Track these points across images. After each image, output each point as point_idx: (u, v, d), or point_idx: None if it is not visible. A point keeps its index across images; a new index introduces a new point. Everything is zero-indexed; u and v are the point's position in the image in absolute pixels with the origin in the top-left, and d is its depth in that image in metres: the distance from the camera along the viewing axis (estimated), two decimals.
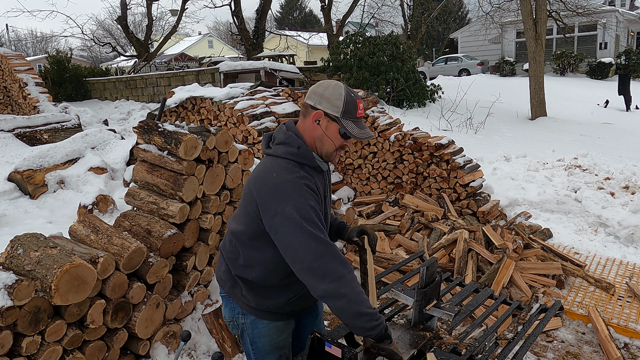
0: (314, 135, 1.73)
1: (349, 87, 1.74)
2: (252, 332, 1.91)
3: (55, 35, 22.22)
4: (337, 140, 1.73)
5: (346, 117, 1.69)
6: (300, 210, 1.59)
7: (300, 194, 1.62)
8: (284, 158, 1.71)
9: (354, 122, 1.71)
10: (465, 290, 2.50)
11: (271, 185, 1.66)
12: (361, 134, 1.71)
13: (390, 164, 5.57)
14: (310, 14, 45.61)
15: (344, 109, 1.68)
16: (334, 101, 1.68)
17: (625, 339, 3.40)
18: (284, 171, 1.67)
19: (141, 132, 3.32)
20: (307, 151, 1.72)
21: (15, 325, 2.24)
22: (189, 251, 3.20)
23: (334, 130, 1.71)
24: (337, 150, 1.75)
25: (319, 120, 1.71)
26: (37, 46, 42.14)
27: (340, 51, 12.80)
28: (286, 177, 1.65)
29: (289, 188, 1.63)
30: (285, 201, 1.61)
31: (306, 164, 1.72)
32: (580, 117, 12.51)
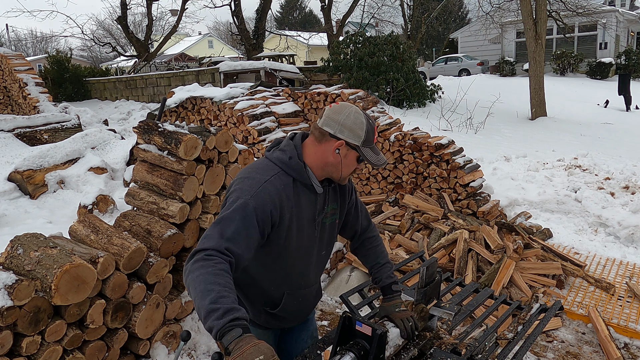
0: (327, 162, 1.70)
1: (366, 112, 1.75)
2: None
3: (55, 35, 22.21)
4: (352, 166, 1.73)
5: (366, 145, 1.69)
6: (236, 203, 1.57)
7: (251, 193, 1.58)
8: (272, 162, 1.70)
9: (371, 149, 1.71)
10: (465, 290, 2.49)
11: (240, 176, 1.68)
12: (377, 161, 1.72)
13: (390, 164, 5.57)
14: (310, 14, 45.61)
15: (365, 138, 1.67)
16: (357, 131, 1.67)
17: (625, 339, 3.40)
18: (259, 170, 1.68)
19: (141, 132, 3.32)
20: (299, 165, 1.69)
21: (15, 325, 2.24)
22: (189, 251, 3.20)
23: (352, 158, 1.70)
24: (351, 173, 1.77)
25: (339, 150, 1.68)
26: (37, 46, 42.15)
27: (340, 51, 12.80)
28: (254, 175, 1.65)
29: (248, 183, 1.62)
30: (236, 193, 1.61)
31: (296, 178, 1.69)
32: (580, 117, 12.51)
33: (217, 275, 1.41)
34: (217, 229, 1.53)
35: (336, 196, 1.85)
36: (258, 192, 1.59)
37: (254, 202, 1.56)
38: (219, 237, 1.51)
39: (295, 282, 1.82)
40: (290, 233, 1.69)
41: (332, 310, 3.90)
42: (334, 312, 3.86)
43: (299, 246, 1.74)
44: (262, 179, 1.63)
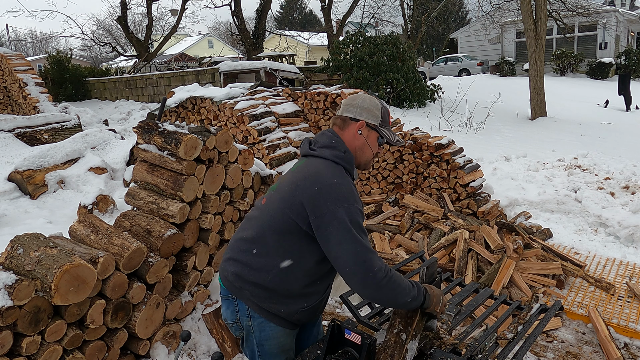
0: (355, 146, 1.83)
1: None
2: (260, 335, 1.88)
3: (55, 35, 22.23)
4: (375, 147, 1.86)
5: (384, 126, 1.83)
6: (351, 214, 1.67)
7: (352, 198, 1.70)
8: (332, 161, 1.77)
9: (388, 130, 1.86)
10: (465, 290, 2.49)
11: (326, 184, 1.70)
12: (396, 140, 1.87)
13: (390, 164, 5.57)
14: (310, 14, 45.61)
15: (382, 118, 1.83)
16: (374, 111, 1.82)
17: (625, 339, 3.40)
18: (337, 173, 1.75)
19: (141, 132, 3.32)
20: (352, 157, 1.82)
21: (15, 325, 2.24)
22: (189, 251, 3.20)
23: (374, 139, 1.84)
24: (373, 157, 1.89)
25: (360, 131, 1.82)
26: (37, 46, 42.16)
27: (340, 51, 12.80)
28: (340, 180, 1.73)
29: (344, 190, 1.70)
30: (338, 202, 1.67)
31: (348, 170, 1.81)
32: (580, 117, 12.51)
33: (399, 279, 1.72)
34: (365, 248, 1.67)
35: None
36: (355, 194, 1.73)
37: (360, 205, 1.72)
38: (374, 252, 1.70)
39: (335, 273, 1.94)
40: None
41: (332, 310, 3.90)
42: (334, 312, 3.86)
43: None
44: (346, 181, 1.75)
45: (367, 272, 1.64)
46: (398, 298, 1.69)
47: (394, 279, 1.69)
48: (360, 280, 1.66)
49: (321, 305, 1.96)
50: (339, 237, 1.65)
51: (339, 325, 1.67)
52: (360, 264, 1.64)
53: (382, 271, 1.67)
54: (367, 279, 1.65)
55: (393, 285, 1.68)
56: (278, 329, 1.88)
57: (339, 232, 1.65)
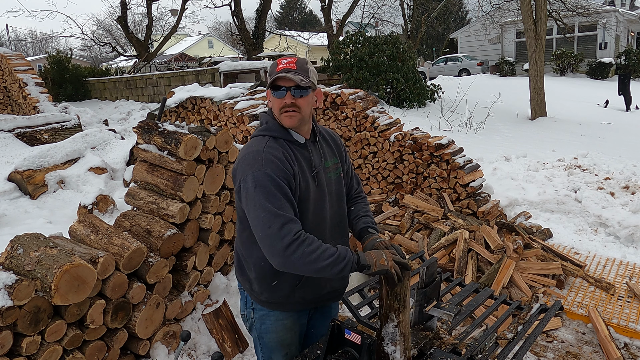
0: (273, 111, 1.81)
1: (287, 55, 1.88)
2: (260, 327, 1.94)
3: (55, 35, 22.25)
4: (273, 101, 1.77)
5: (269, 78, 1.76)
6: (256, 178, 1.64)
7: (260, 163, 1.66)
8: (257, 135, 1.81)
9: (274, 77, 1.74)
10: (465, 290, 2.49)
11: (239, 157, 1.77)
12: (272, 76, 1.73)
13: (390, 164, 5.56)
14: (310, 14, 45.61)
15: (269, 72, 1.77)
16: (269, 73, 1.79)
17: (625, 339, 3.40)
18: (252, 144, 1.76)
19: (141, 132, 3.32)
20: (275, 124, 1.79)
21: (15, 325, 2.24)
22: (189, 251, 3.20)
23: (270, 95, 1.78)
24: (280, 112, 1.76)
25: (269, 100, 1.82)
26: (37, 46, 42.16)
27: (340, 51, 12.80)
28: (251, 149, 1.74)
29: (251, 158, 1.70)
30: (245, 171, 1.68)
31: (280, 137, 1.77)
32: (580, 117, 12.51)
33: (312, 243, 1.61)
34: (268, 212, 1.60)
35: (333, 152, 1.96)
36: (264, 159, 1.67)
37: (268, 169, 1.65)
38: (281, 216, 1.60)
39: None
40: (300, 188, 1.76)
41: None
42: None
43: (309, 200, 1.79)
44: (259, 148, 1.72)
45: (273, 237, 1.58)
46: (315, 263, 1.58)
47: (306, 242, 1.59)
48: (268, 247, 1.60)
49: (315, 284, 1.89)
50: (247, 204, 1.66)
51: (339, 325, 1.67)
52: (265, 229, 1.60)
53: (289, 236, 1.58)
54: (274, 245, 1.58)
55: (305, 249, 1.58)
56: (278, 323, 1.91)
57: (247, 200, 1.66)
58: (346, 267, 1.61)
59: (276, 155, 1.69)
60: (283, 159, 1.70)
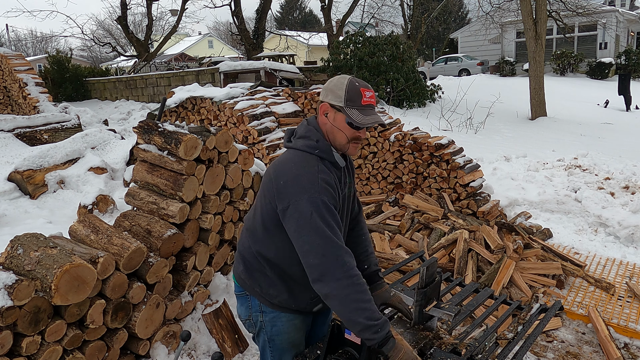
0: (326, 130, 1.76)
1: (357, 78, 1.77)
2: (271, 330, 1.91)
3: (55, 35, 22.23)
4: (346, 131, 1.73)
5: (350, 106, 1.70)
6: (313, 204, 1.62)
7: (316, 188, 1.64)
8: (304, 151, 1.74)
9: (359, 110, 1.70)
10: (465, 290, 2.49)
11: (290, 176, 1.69)
12: (365, 121, 1.69)
13: (390, 164, 5.56)
14: (310, 14, 45.61)
15: (347, 97, 1.70)
16: (337, 92, 1.71)
17: (625, 339, 3.40)
18: (303, 163, 1.71)
19: (141, 132, 3.32)
20: (326, 145, 1.75)
21: (15, 325, 2.24)
22: (189, 251, 3.20)
23: (341, 121, 1.72)
24: (350, 142, 1.75)
25: (327, 113, 1.74)
26: (37, 46, 42.17)
27: (340, 51, 12.80)
28: (304, 170, 1.68)
29: (305, 180, 1.66)
30: (300, 193, 1.64)
31: (325, 159, 1.74)
32: (580, 117, 12.51)
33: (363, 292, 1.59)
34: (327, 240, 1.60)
35: (350, 172, 1.93)
36: (320, 186, 1.65)
37: (323, 197, 1.64)
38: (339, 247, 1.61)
39: None
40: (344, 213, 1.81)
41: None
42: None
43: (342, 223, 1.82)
44: (313, 170, 1.68)
45: (330, 265, 1.58)
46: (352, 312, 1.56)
47: (356, 286, 1.58)
48: (318, 274, 1.59)
49: None
50: (299, 228, 1.63)
51: (339, 326, 1.67)
52: (319, 256, 1.59)
53: (343, 268, 1.58)
54: (325, 272, 1.57)
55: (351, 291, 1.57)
56: (289, 323, 1.90)
57: (299, 224, 1.63)
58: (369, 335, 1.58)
59: (329, 182, 1.69)
60: (334, 186, 1.71)
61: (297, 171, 1.69)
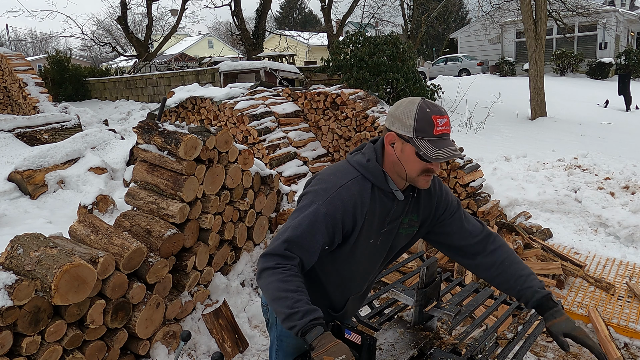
0: (391, 160, 1.58)
1: (428, 102, 1.54)
2: (281, 330, 1.88)
3: (55, 35, 22.20)
4: (416, 163, 1.53)
5: (420, 137, 1.49)
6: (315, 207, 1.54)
7: (327, 197, 1.53)
8: (352, 165, 1.62)
9: (430, 142, 1.49)
10: (465, 290, 2.50)
11: (319, 177, 1.63)
12: (438, 155, 1.48)
13: None
14: (310, 14, 45.61)
15: (416, 127, 1.49)
16: (404, 120, 1.51)
17: (625, 339, 3.40)
18: (337, 173, 1.60)
19: (141, 132, 3.32)
20: (377, 169, 1.58)
21: (15, 325, 2.24)
22: (189, 251, 3.20)
23: (411, 153, 1.52)
24: (420, 174, 1.56)
25: (393, 143, 1.56)
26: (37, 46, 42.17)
27: (340, 51, 12.79)
28: (331, 178, 1.59)
29: (324, 186, 1.57)
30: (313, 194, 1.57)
31: (374, 183, 1.59)
32: (580, 117, 12.51)
33: (287, 282, 1.45)
34: (285, 232, 1.52)
35: (418, 206, 1.71)
36: (331, 198, 1.53)
37: (324, 209, 1.52)
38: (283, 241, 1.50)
39: (359, 287, 1.79)
40: (360, 239, 1.61)
41: None
42: None
43: (366, 253, 1.67)
44: (338, 183, 1.56)
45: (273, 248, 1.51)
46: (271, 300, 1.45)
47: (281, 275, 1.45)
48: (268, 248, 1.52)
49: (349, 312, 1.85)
50: (295, 212, 1.59)
51: (339, 326, 1.66)
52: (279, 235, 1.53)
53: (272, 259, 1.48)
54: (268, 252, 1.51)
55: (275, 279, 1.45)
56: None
57: (297, 209, 1.59)
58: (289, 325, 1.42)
59: (346, 201, 1.53)
60: (349, 209, 1.54)
61: (326, 176, 1.61)
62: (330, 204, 1.53)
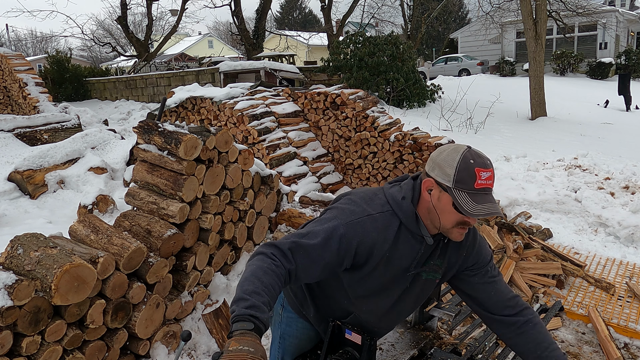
0: (425, 205, 1.52)
1: (474, 152, 1.46)
2: (285, 329, 1.88)
3: (55, 35, 22.20)
4: (451, 214, 1.47)
5: (459, 188, 1.42)
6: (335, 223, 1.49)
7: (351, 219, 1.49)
8: (385, 198, 1.57)
9: (469, 195, 1.42)
10: None
11: (352, 195, 1.60)
12: (475, 210, 1.40)
13: (390, 164, 5.57)
14: (310, 14, 45.62)
15: (456, 178, 1.42)
16: (445, 168, 1.45)
17: (625, 339, 3.40)
18: (369, 200, 1.56)
19: (141, 132, 3.32)
20: (410, 209, 1.53)
21: (15, 325, 2.24)
22: (189, 251, 3.20)
23: (447, 202, 1.46)
24: (454, 226, 1.49)
25: (430, 190, 1.49)
26: (37, 46, 42.17)
27: (340, 51, 12.80)
28: (362, 203, 1.55)
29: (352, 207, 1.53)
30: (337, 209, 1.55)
31: (403, 223, 1.53)
32: (580, 117, 12.51)
33: (267, 274, 1.37)
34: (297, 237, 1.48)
35: (445, 252, 1.64)
36: (354, 222, 1.49)
37: (344, 230, 1.47)
38: (292, 241, 1.46)
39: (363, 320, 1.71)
40: (374, 274, 1.56)
41: None
42: None
43: (378, 291, 1.61)
44: (366, 211, 1.52)
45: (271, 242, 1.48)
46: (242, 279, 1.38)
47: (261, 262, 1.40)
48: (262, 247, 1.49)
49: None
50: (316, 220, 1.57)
51: (340, 326, 1.66)
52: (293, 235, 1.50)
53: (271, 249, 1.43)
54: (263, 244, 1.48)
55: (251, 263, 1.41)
56: (303, 331, 1.87)
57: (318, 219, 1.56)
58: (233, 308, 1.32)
59: (368, 231, 1.49)
60: (368, 241, 1.49)
61: (358, 198, 1.57)
62: (351, 227, 1.48)
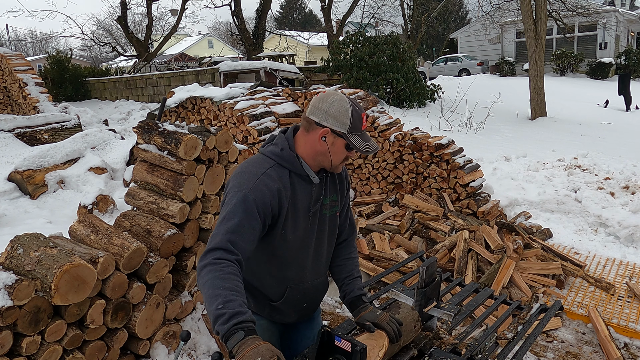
0: (317, 150, 1.72)
1: (352, 99, 1.73)
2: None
3: (55, 35, 22.18)
4: (342, 153, 1.73)
5: (353, 133, 1.69)
6: (238, 198, 1.61)
7: (250, 186, 1.63)
8: (266, 156, 1.74)
9: (359, 137, 1.70)
10: (465, 290, 2.49)
11: (237, 172, 1.72)
12: (367, 148, 1.71)
13: (390, 164, 5.56)
14: (310, 14, 45.59)
15: (351, 125, 1.68)
16: (341, 118, 1.68)
17: (625, 339, 3.40)
18: (254, 164, 1.72)
19: (141, 132, 3.32)
20: (291, 156, 1.72)
21: (15, 325, 2.24)
22: (189, 251, 3.20)
23: (340, 145, 1.71)
24: (341, 163, 1.77)
25: (325, 137, 1.70)
26: (37, 46, 42.14)
27: (340, 51, 12.79)
28: (250, 169, 1.69)
29: (245, 178, 1.66)
30: (235, 187, 1.65)
31: (291, 170, 1.72)
32: (580, 117, 12.51)
33: (224, 280, 1.45)
34: (222, 226, 1.58)
35: (335, 187, 1.87)
36: (256, 184, 1.63)
37: (253, 195, 1.61)
38: (223, 234, 1.55)
39: (296, 276, 1.82)
40: (287, 224, 1.71)
41: (332, 310, 3.90)
42: (334, 312, 3.87)
43: (296, 237, 1.75)
44: (258, 171, 1.67)
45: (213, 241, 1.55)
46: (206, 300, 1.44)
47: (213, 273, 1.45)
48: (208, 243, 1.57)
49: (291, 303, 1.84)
50: (222, 208, 1.66)
51: (329, 332, 1.64)
52: (216, 227, 1.59)
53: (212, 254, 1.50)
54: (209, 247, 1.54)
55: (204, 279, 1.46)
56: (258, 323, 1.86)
57: (224, 205, 1.65)
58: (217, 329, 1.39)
59: (270, 186, 1.64)
60: (274, 193, 1.65)
61: (244, 169, 1.71)
62: (256, 190, 1.62)
